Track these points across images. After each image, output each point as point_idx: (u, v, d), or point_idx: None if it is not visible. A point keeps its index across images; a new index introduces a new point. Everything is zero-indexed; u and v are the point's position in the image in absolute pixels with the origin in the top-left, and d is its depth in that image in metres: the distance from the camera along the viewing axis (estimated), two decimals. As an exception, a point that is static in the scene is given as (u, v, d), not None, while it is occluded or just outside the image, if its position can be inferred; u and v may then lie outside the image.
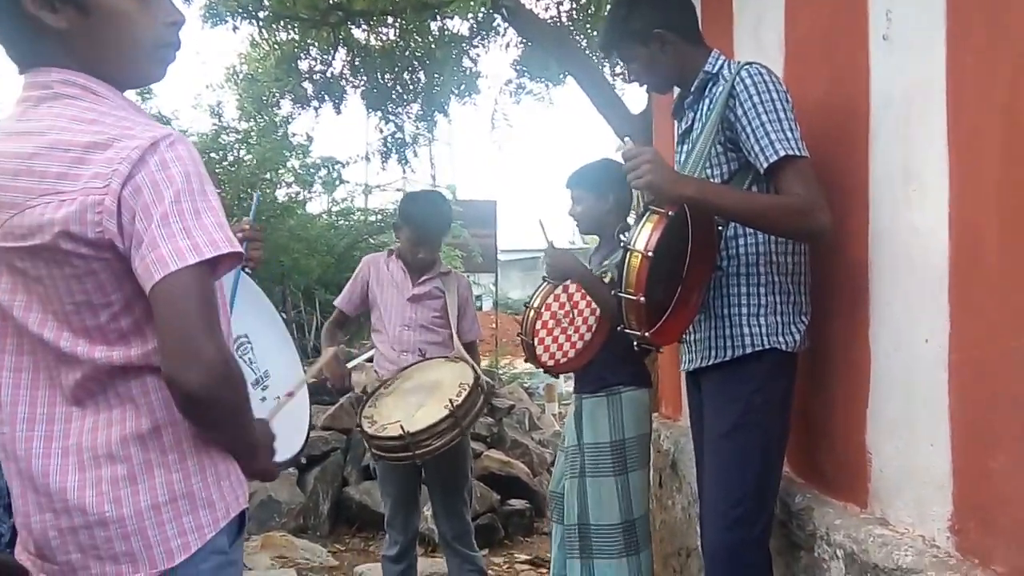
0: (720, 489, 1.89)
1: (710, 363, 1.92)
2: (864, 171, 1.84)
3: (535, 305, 2.63)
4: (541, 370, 2.72)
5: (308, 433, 1.79)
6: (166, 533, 1.09)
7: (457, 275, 3.08)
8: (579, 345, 2.63)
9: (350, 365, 3.14)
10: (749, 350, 1.85)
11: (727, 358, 1.88)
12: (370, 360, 3.13)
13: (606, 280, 2.50)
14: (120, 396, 1.09)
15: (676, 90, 2.14)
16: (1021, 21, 1.39)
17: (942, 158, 1.57)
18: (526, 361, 2.77)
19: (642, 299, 1.66)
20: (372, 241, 8.79)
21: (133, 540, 1.08)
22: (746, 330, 1.86)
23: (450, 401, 2.50)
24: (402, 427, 2.47)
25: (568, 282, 2.61)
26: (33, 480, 1.09)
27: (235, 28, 6.68)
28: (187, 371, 1.02)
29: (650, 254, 1.64)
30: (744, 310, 1.87)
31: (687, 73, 1.96)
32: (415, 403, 2.63)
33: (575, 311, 2.65)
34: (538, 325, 2.62)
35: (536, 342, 2.61)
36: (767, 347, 1.84)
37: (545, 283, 2.68)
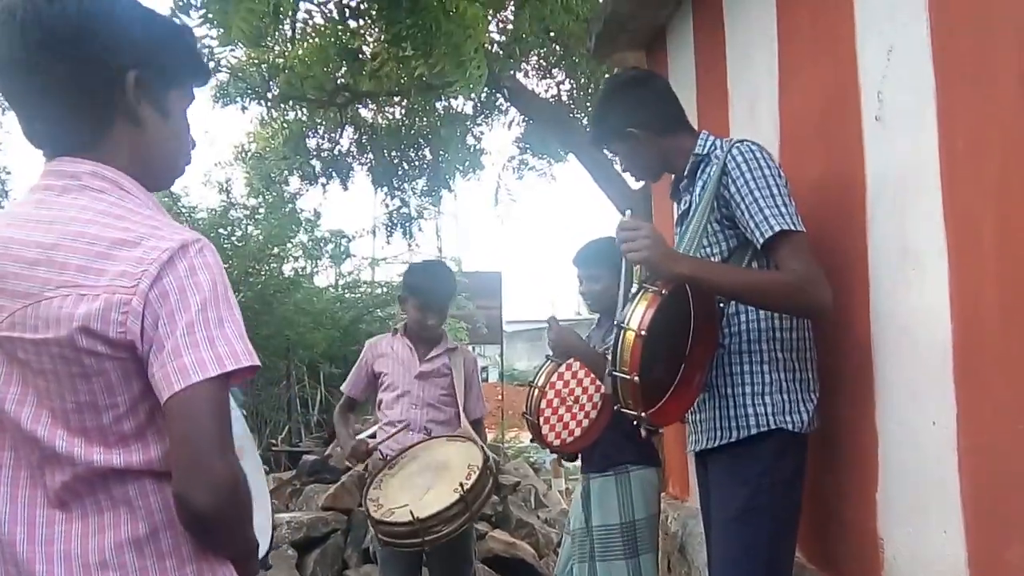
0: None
1: (715, 445, 1.87)
2: (863, 251, 1.83)
3: (539, 384, 2.63)
4: (548, 450, 2.68)
5: (272, 537, 1.77)
6: None
7: (463, 351, 3.07)
8: (584, 424, 2.59)
9: (360, 438, 3.13)
10: (755, 431, 1.80)
11: (732, 439, 1.83)
12: (374, 436, 3.10)
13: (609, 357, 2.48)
14: (113, 499, 1.05)
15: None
16: (1008, 100, 1.40)
17: (939, 237, 1.57)
18: (532, 441, 2.75)
19: (636, 378, 1.63)
20: (379, 314, 8.81)
21: None
22: (751, 410, 1.81)
23: (460, 485, 2.44)
24: (412, 512, 2.40)
25: (571, 360, 2.60)
26: (18, 568, 1.04)
27: (244, 108, 6.86)
28: (198, 490, 0.99)
29: (644, 332, 1.62)
30: (748, 389, 1.83)
31: (674, 160, 1.99)
32: (423, 486, 2.56)
33: (579, 389, 2.62)
34: (543, 404, 2.60)
35: (542, 422, 2.58)
36: (773, 427, 1.79)
37: (549, 361, 2.67)
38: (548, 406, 2.60)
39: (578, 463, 2.94)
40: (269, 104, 7.09)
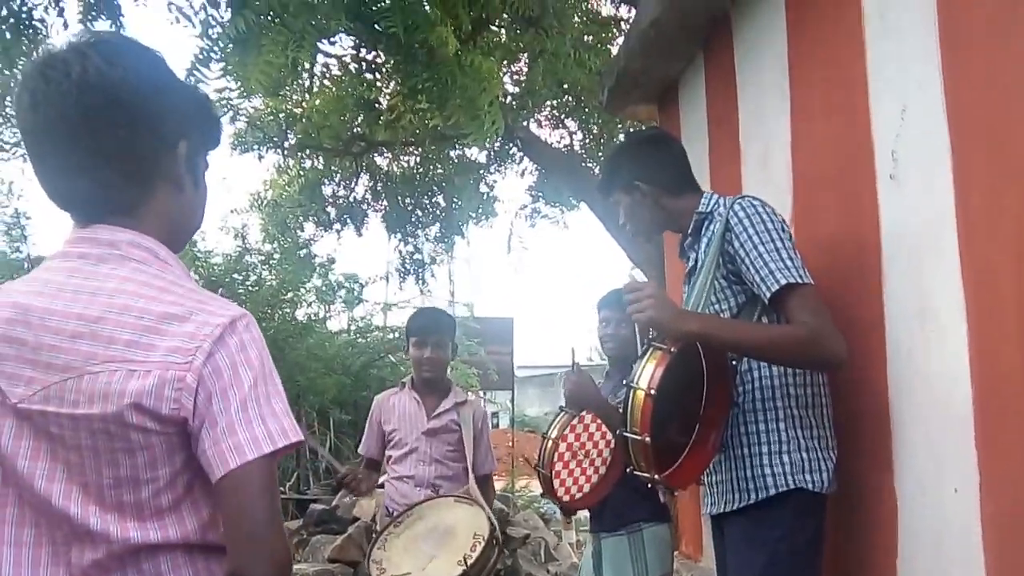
0: None
1: (733, 508, 1.82)
2: (879, 310, 1.81)
3: (552, 436, 2.60)
4: (557, 506, 2.64)
5: None
6: None
7: (473, 404, 3.04)
8: (594, 479, 2.56)
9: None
10: (772, 491, 1.75)
11: (750, 502, 1.78)
12: (382, 486, 3.06)
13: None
14: (143, 574, 1.02)
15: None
16: (1022, 155, 1.39)
17: (958, 297, 1.54)
18: (543, 496, 2.71)
19: (647, 439, 1.60)
20: (391, 359, 8.77)
21: None
22: (768, 470, 1.76)
23: (464, 558, 2.40)
24: None
25: (584, 412, 2.57)
26: None
27: (261, 157, 6.97)
28: (259, 566, 0.99)
29: (653, 392, 1.59)
30: (765, 448, 1.78)
31: (679, 219, 1.99)
32: (427, 553, 2.52)
33: (591, 443, 2.59)
34: (555, 457, 2.56)
35: (553, 475, 2.55)
36: (792, 487, 1.74)
37: (563, 412, 2.64)
38: (559, 459, 2.57)
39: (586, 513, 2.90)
40: (286, 152, 7.21)
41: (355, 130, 6.67)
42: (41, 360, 1.00)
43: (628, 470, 1.74)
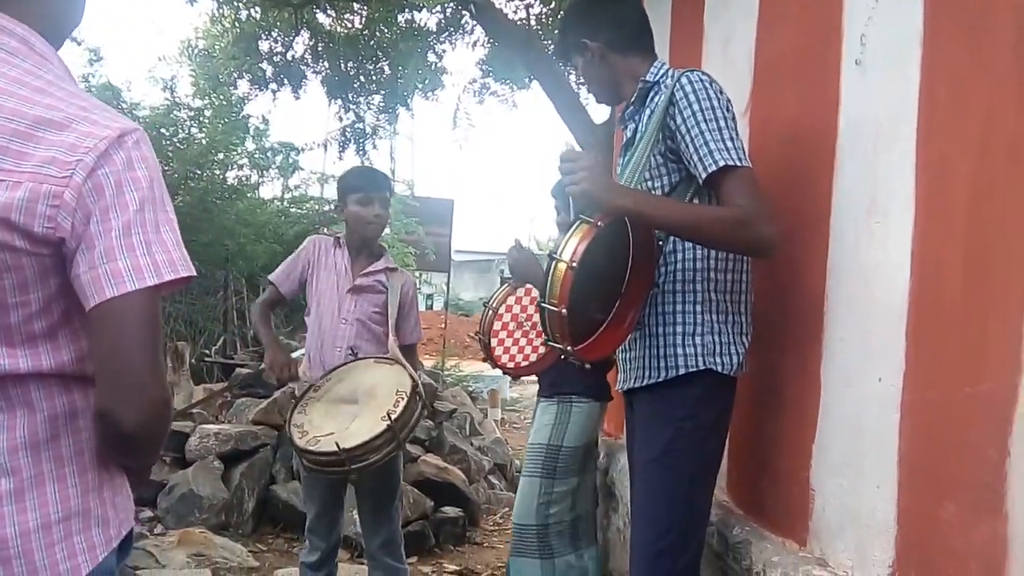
0: (646, 518, 1.82)
1: (642, 384, 1.83)
2: (827, 200, 1.78)
3: (493, 306, 2.65)
4: (499, 371, 2.70)
5: None
6: (55, 556, 0.95)
7: (404, 273, 2.93)
8: (540, 350, 2.58)
9: (295, 355, 2.99)
10: (683, 371, 1.77)
11: (659, 379, 1.79)
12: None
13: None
14: (11, 400, 0.94)
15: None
16: (998, 52, 1.34)
17: (909, 191, 1.52)
18: (483, 361, 2.75)
19: (564, 311, 1.56)
20: (325, 232, 8.56)
21: (16, 564, 0.93)
22: (680, 350, 1.77)
23: (387, 413, 2.35)
24: (337, 444, 2.31)
25: (529, 285, 2.56)
26: None
27: (193, 1, 6.44)
28: (129, 409, 0.91)
29: (575, 265, 1.55)
30: (679, 328, 1.78)
31: (624, 84, 1.91)
32: (349, 413, 2.47)
33: (537, 316, 2.60)
34: (497, 326, 2.61)
35: (496, 343, 2.58)
36: (702, 368, 1.76)
37: (505, 285, 2.65)
38: (503, 328, 2.61)
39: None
40: (220, -1, 6.67)
41: (297, -21, 6.19)
42: None
43: (543, 341, 1.73)
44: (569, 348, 1.63)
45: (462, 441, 5.43)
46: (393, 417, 2.34)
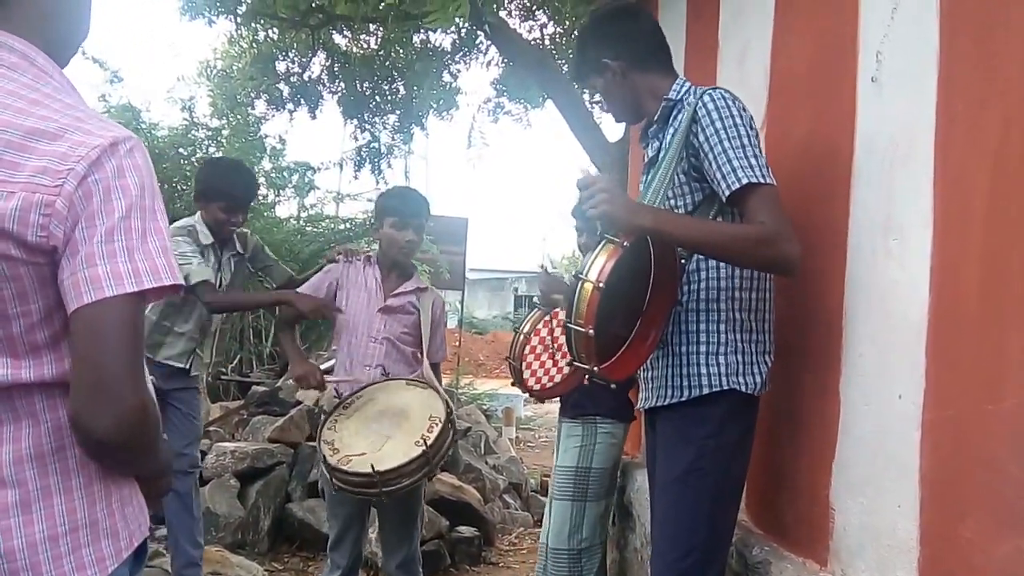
0: (667, 538, 1.80)
1: (665, 403, 1.82)
2: (844, 217, 1.77)
3: (524, 330, 2.69)
4: (527, 394, 2.82)
5: None
6: (63, 568, 0.96)
7: (433, 292, 2.95)
8: (566, 371, 2.61)
9: (323, 367, 3.01)
10: (706, 391, 1.76)
11: (683, 398, 1.78)
12: (330, 371, 2.99)
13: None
14: (17, 411, 0.95)
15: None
16: (1015, 70, 1.34)
17: (926, 208, 1.51)
18: (513, 385, 2.81)
19: (591, 331, 1.56)
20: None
21: None
22: (704, 369, 1.77)
23: (423, 439, 2.35)
24: (372, 465, 2.31)
25: (557, 309, 2.60)
26: None
27: (211, 23, 6.52)
28: (100, 417, 0.90)
29: (601, 285, 1.55)
30: (703, 348, 1.78)
31: (646, 101, 1.91)
32: (381, 434, 2.47)
33: (564, 338, 2.64)
34: (526, 350, 2.65)
35: (524, 367, 2.63)
36: (725, 388, 1.75)
37: (536, 310, 2.73)
38: (531, 352, 2.64)
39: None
40: (239, 20, 6.76)
41: (313, 1, 6.27)
42: None
43: (569, 362, 1.73)
44: (595, 368, 1.63)
45: (477, 460, 5.41)
46: (428, 443, 2.35)
